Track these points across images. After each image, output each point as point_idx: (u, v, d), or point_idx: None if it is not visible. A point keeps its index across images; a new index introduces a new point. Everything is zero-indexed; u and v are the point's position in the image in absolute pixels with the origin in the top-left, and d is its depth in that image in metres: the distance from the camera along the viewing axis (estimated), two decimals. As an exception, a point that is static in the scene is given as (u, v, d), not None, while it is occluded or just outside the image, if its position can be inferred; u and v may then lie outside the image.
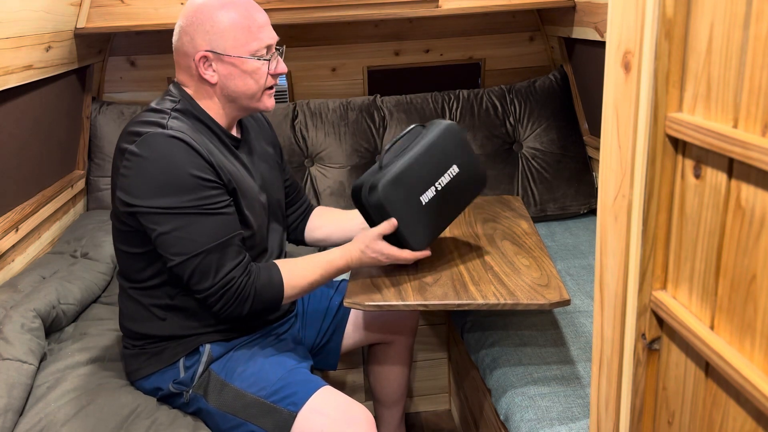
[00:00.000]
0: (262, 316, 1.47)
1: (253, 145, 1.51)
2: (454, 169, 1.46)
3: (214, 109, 1.38)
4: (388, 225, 1.39)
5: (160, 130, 1.27)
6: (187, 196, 1.26)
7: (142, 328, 1.41)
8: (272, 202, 1.51)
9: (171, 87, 1.40)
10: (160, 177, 1.25)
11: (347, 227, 1.65)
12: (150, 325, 1.40)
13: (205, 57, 1.33)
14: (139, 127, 1.29)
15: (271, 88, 1.40)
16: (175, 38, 1.37)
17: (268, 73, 1.37)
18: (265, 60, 1.35)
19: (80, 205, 2.32)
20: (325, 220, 1.69)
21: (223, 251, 1.29)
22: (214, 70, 1.34)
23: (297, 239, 1.71)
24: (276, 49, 1.39)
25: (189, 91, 1.38)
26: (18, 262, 1.86)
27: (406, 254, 1.41)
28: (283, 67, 1.39)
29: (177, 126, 1.29)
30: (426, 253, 1.45)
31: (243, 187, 1.37)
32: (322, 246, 1.73)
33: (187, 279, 1.29)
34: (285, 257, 1.58)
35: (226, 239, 1.29)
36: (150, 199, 1.26)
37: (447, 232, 1.70)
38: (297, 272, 1.37)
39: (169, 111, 1.33)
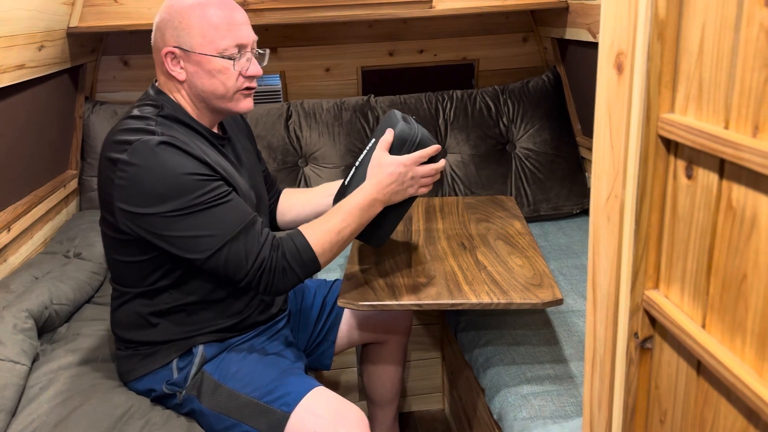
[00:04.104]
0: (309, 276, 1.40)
1: (236, 142, 1.49)
2: (372, 142, 1.42)
3: (190, 108, 1.35)
4: (388, 134, 1.37)
5: (149, 136, 1.24)
6: (191, 194, 1.23)
7: (135, 335, 1.40)
8: (260, 198, 1.50)
9: (150, 90, 1.37)
10: (159, 183, 1.23)
11: (315, 202, 1.62)
12: (143, 333, 1.40)
13: (172, 53, 1.30)
14: (126, 135, 1.25)
15: (247, 89, 1.35)
16: (152, 35, 1.35)
17: (239, 74, 1.32)
18: (231, 59, 1.30)
19: (73, 205, 2.32)
20: (294, 201, 1.67)
21: (246, 235, 1.27)
22: (181, 67, 1.31)
23: (270, 226, 1.69)
24: (257, 51, 1.35)
25: (163, 89, 1.35)
26: (10, 263, 1.86)
27: (415, 155, 1.35)
28: (255, 69, 1.34)
29: (166, 131, 1.27)
30: (436, 148, 1.38)
31: (237, 186, 1.37)
32: (293, 227, 1.72)
33: (223, 272, 1.27)
34: None
35: (246, 223, 1.27)
36: (156, 205, 1.23)
37: (441, 233, 1.70)
38: (321, 228, 1.32)
39: (154, 117, 1.30)
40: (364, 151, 1.44)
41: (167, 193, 1.23)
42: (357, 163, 1.45)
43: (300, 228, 1.34)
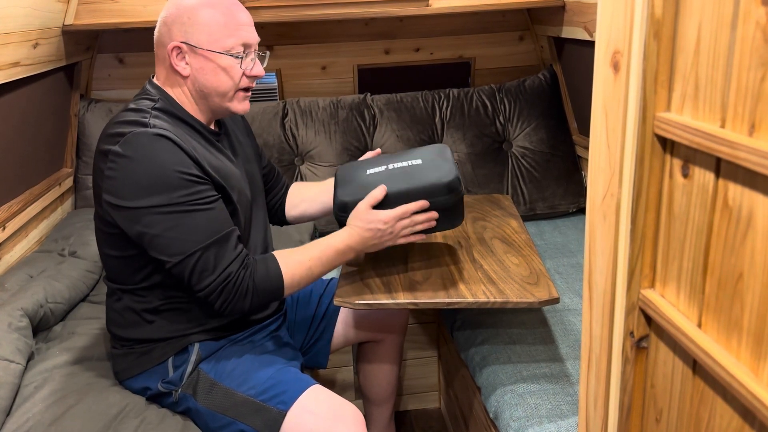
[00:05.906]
0: (265, 309, 1.46)
1: (232, 138, 1.50)
2: (416, 161, 1.42)
3: (188, 104, 1.37)
4: (379, 191, 1.37)
5: (142, 129, 1.25)
6: (175, 192, 1.24)
7: (131, 333, 1.40)
8: (255, 195, 1.50)
9: (147, 85, 1.38)
10: (146, 176, 1.23)
11: (323, 200, 1.63)
12: (138, 330, 1.39)
13: (179, 48, 1.31)
14: (120, 128, 1.27)
15: (246, 90, 1.37)
16: (155, 30, 1.36)
17: (243, 73, 1.35)
18: (238, 58, 1.33)
19: (68, 204, 2.31)
20: (302, 197, 1.69)
21: (219, 247, 1.27)
22: (186, 63, 1.32)
23: (280, 220, 1.71)
24: (258, 52, 1.37)
25: (162, 84, 1.36)
26: (5, 261, 1.85)
27: (399, 210, 1.35)
28: (259, 70, 1.37)
29: (159, 124, 1.28)
30: (422, 204, 1.36)
31: (231, 182, 1.37)
32: (303, 222, 1.73)
33: (188, 279, 1.27)
34: (270, 250, 1.57)
35: (222, 235, 1.27)
36: (138, 199, 1.24)
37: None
38: (295, 259, 1.34)
39: (149, 110, 1.31)
40: (403, 163, 1.42)
41: (151, 187, 1.23)
42: (390, 167, 1.42)
43: (275, 253, 1.35)
